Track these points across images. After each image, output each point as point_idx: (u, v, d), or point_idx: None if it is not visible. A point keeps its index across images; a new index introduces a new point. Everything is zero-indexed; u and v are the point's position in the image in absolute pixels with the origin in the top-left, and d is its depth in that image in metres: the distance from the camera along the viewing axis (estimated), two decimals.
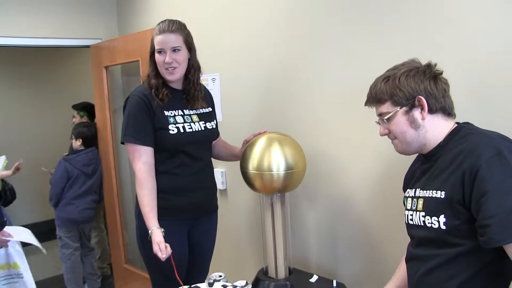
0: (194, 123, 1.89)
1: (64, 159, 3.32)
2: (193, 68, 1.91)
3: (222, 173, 2.61)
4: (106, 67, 3.33)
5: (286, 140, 1.87)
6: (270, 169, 1.79)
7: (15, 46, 3.24)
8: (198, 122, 1.91)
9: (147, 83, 1.87)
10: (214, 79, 2.57)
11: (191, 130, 1.86)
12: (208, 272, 2.11)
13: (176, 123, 1.84)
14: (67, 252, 3.34)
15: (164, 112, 1.84)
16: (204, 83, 2.45)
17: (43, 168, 3.71)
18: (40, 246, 2.55)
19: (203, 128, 1.91)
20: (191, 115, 1.91)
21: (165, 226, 1.75)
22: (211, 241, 2.11)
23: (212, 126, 1.96)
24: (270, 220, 1.95)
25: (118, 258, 3.54)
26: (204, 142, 1.96)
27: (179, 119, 1.86)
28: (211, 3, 2.54)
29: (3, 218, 2.16)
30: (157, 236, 1.70)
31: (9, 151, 3.59)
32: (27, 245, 2.55)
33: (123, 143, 1.85)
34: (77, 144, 3.40)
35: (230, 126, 2.46)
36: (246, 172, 1.87)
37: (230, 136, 2.27)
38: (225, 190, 2.64)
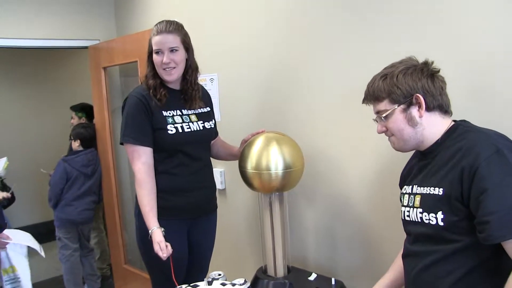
0: (193, 122, 1.90)
1: (63, 160, 3.32)
2: (190, 68, 1.91)
3: (221, 172, 2.62)
4: (105, 68, 3.33)
5: (284, 139, 1.88)
6: (268, 168, 1.80)
7: (14, 47, 3.23)
8: (197, 121, 1.92)
9: (145, 84, 1.87)
10: (212, 79, 2.58)
11: (189, 130, 1.87)
12: (208, 272, 2.12)
13: (174, 123, 1.85)
14: (67, 253, 3.34)
15: (162, 112, 1.84)
16: (203, 83, 2.46)
17: (42, 170, 3.71)
18: (40, 250, 2.54)
19: (201, 128, 1.92)
20: (190, 115, 1.92)
21: (164, 225, 1.75)
22: (211, 240, 2.11)
23: (210, 125, 1.97)
24: (268, 219, 1.96)
25: (117, 259, 3.54)
26: (202, 142, 1.97)
27: (178, 119, 1.87)
28: (209, 3, 2.55)
29: (3, 220, 2.15)
30: (157, 235, 1.71)
31: (8, 152, 3.59)
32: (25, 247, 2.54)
33: (122, 143, 1.86)
34: (75, 145, 3.40)
35: (229, 126, 2.46)
36: (244, 172, 1.88)
37: (229, 135, 2.28)
38: (224, 190, 2.64)
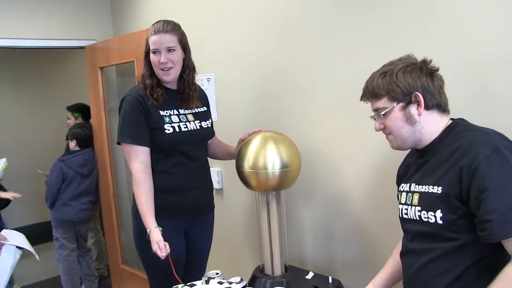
0: (190, 122, 1.90)
1: (59, 160, 3.31)
2: (188, 68, 1.92)
3: (218, 172, 2.62)
4: (101, 68, 3.33)
5: (281, 138, 1.89)
6: (265, 167, 1.81)
7: (10, 48, 3.23)
8: (194, 121, 1.92)
9: (142, 83, 1.88)
10: (209, 79, 2.58)
11: (186, 130, 1.87)
12: (205, 271, 2.12)
13: (171, 122, 1.85)
14: (64, 253, 3.34)
15: (159, 112, 1.84)
16: (199, 83, 2.46)
17: (39, 170, 3.70)
18: (34, 252, 2.53)
19: (198, 127, 1.92)
20: (186, 115, 1.92)
21: (161, 225, 1.75)
22: (208, 240, 2.12)
23: (207, 125, 1.98)
24: (266, 218, 1.96)
25: (115, 259, 3.54)
26: (199, 141, 1.97)
27: (175, 118, 1.87)
28: (206, 3, 2.55)
29: (1, 221, 2.15)
30: (155, 235, 1.71)
31: (4, 153, 3.59)
32: (20, 248, 2.53)
33: (119, 143, 1.86)
34: (72, 145, 3.40)
35: (226, 126, 2.47)
36: (241, 171, 1.88)
37: (226, 135, 2.28)
38: (221, 189, 2.65)
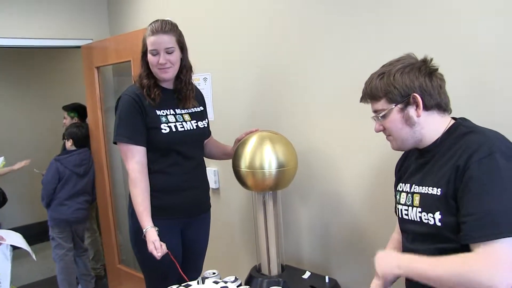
0: (186, 122, 1.90)
1: (55, 160, 3.31)
2: (185, 68, 1.92)
3: (215, 172, 2.62)
4: (98, 68, 3.32)
5: (277, 138, 1.89)
6: (262, 167, 1.81)
7: (6, 47, 3.21)
8: (190, 121, 1.92)
9: (138, 83, 1.87)
10: (205, 79, 2.58)
11: (183, 129, 1.87)
12: (202, 271, 2.12)
13: (168, 122, 1.85)
14: (60, 252, 3.33)
15: (156, 112, 1.84)
16: (196, 82, 2.46)
17: (35, 170, 3.69)
18: (31, 252, 2.52)
19: (195, 127, 1.92)
20: (183, 114, 1.92)
21: (158, 225, 1.75)
22: (205, 240, 2.12)
23: (204, 125, 1.97)
24: (262, 218, 1.97)
25: (111, 259, 3.53)
26: (196, 141, 1.97)
27: (171, 118, 1.87)
28: (203, 3, 2.55)
29: None
30: (151, 234, 1.71)
31: (1, 152, 3.57)
32: (17, 248, 2.52)
33: (115, 143, 1.86)
34: (68, 144, 3.40)
35: (222, 125, 2.47)
36: (238, 171, 1.89)
37: (222, 135, 2.28)
38: (217, 189, 2.65)
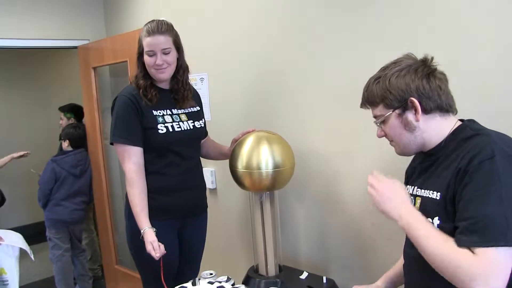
0: (183, 122, 1.90)
1: (52, 160, 3.31)
2: (181, 68, 1.91)
3: (212, 172, 2.62)
4: (94, 68, 3.31)
5: (274, 138, 1.89)
6: (259, 167, 1.81)
7: (2, 48, 3.21)
8: (187, 121, 1.92)
9: (135, 84, 1.87)
10: (202, 79, 2.58)
11: (180, 129, 1.87)
12: (199, 271, 2.12)
13: (165, 122, 1.85)
14: (57, 253, 3.33)
15: (152, 112, 1.84)
16: (193, 82, 2.46)
17: (32, 170, 3.68)
18: (29, 252, 2.52)
19: (191, 127, 1.92)
20: (180, 115, 1.92)
21: (154, 226, 1.75)
22: (202, 240, 2.12)
23: (200, 125, 1.97)
24: (259, 218, 1.96)
25: (109, 259, 3.53)
26: (193, 141, 1.97)
27: (168, 118, 1.87)
28: (199, 2, 2.55)
29: None
30: (149, 235, 1.70)
31: None
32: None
33: (112, 143, 1.85)
34: (65, 145, 3.40)
35: (219, 125, 2.47)
36: (235, 171, 1.88)
37: (219, 135, 2.28)
38: (214, 189, 2.64)
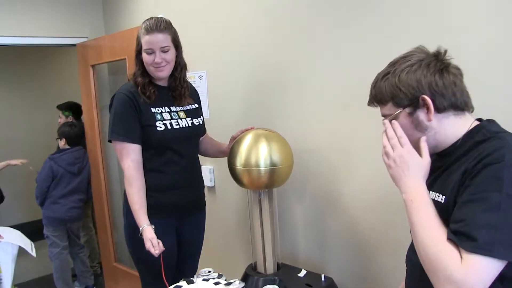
0: (181, 119, 1.90)
1: (49, 158, 3.31)
2: (180, 65, 1.91)
3: (210, 170, 2.62)
4: (93, 66, 3.31)
5: (273, 136, 1.89)
6: (257, 165, 1.80)
7: (1, 45, 3.20)
8: (185, 118, 1.92)
9: (133, 81, 1.86)
10: (201, 77, 2.57)
11: (178, 127, 1.87)
12: (198, 269, 2.12)
13: (163, 119, 1.84)
14: (55, 251, 3.34)
15: (151, 109, 1.84)
16: (191, 80, 2.46)
17: (30, 167, 3.68)
18: (31, 249, 2.51)
19: (190, 125, 1.92)
20: (178, 112, 1.91)
21: (153, 224, 1.75)
22: (200, 238, 2.12)
23: (199, 122, 1.97)
24: (258, 216, 1.96)
25: (107, 257, 3.53)
26: (191, 139, 1.96)
27: (166, 115, 1.87)
28: (198, 0, 2.54)
29: None
30: (148, 232, 1.70)
31: None
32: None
33: (110, 141, 1.85)
34: (62, 143, 3.40)
35: (218, 123, 2.46)
36: (233, 169, 1.88)
37: (218, 132, 2.28)
38: (213, 187, 2.64)
